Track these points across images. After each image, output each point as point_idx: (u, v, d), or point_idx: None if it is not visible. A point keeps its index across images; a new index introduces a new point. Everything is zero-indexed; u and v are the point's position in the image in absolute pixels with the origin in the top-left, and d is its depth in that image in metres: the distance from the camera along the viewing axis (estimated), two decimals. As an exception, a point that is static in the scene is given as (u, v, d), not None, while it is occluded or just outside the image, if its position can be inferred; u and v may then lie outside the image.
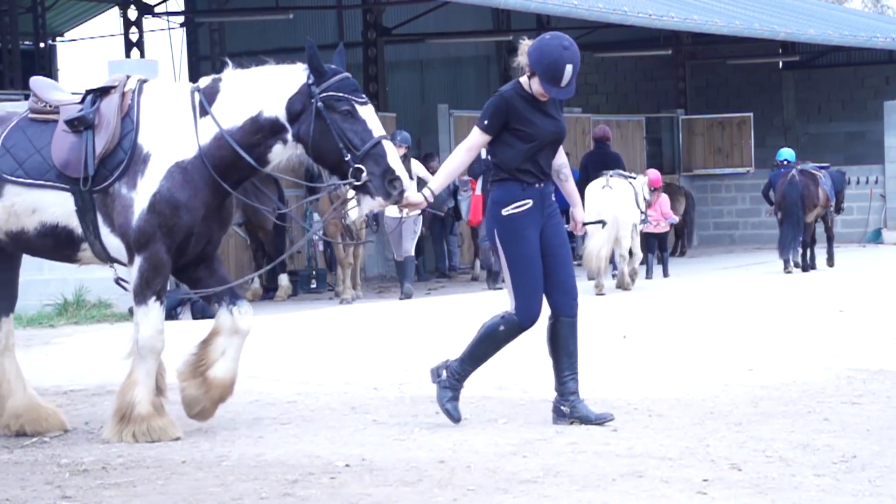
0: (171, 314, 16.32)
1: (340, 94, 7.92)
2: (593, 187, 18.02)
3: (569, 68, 8.04)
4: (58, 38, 35.74)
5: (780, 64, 33.12)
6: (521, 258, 8.15)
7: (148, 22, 30.52)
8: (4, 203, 8.13)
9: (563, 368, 8.28)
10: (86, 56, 40.43)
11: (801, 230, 21.05)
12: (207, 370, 8.16)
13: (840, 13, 35.93)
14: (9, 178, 8.09)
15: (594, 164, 19.58)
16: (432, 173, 16.68)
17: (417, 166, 18.42)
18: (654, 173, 20.48)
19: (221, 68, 8.37)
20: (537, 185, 8.20)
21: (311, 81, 7.96)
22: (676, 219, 22.57)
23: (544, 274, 8.25)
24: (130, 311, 16.08)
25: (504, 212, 8.17)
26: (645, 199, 19.01)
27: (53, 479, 7.05)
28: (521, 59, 8.19)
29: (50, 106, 8.24)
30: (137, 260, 8.00)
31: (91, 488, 6.82)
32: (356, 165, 7.84)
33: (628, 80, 33.87)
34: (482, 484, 6.65)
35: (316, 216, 19.82)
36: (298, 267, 21.04)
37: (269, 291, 19.91)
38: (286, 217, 19.30)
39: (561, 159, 8.46)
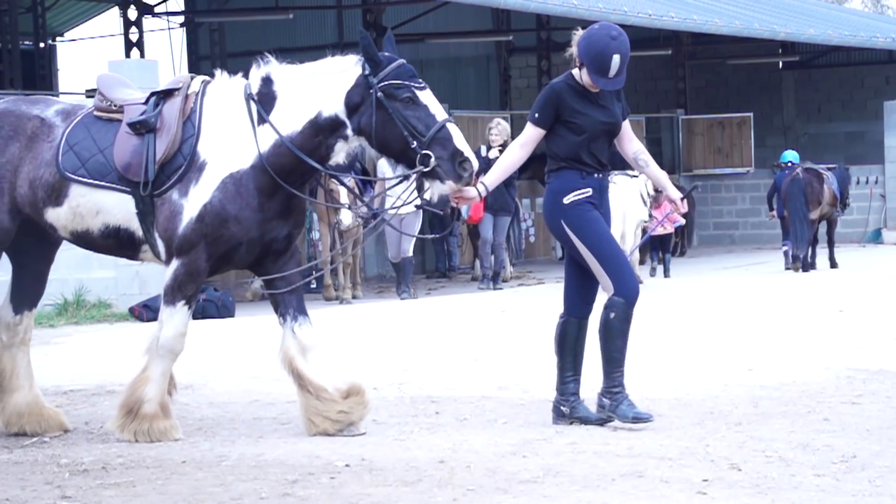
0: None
1: (399, 82, 7.78)
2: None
3: (616, 58, 7.92)
4: (58, 38, 35.75)
5: (780, 64, 33.14)
6: (598, 237, 8.00)
7: (148, 22, 30.55)
8: (70, 203, 8.05)
9: (566, 369, 8.23)
10: (86, 56, 40.43)
11: (807, 226, 21.08)
12: (331, 396, 8.01)
13: (840, 13, 35.93)
14: (73, 177, 8.00)
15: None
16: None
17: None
18: None
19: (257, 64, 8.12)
20: (596, 175, 8.11)
21: (367, 72, 7.81)
22: (683, 221, 22.59)
23: (576, 272, 8.16)
24: (131, 311, 16.14)
25: (566, 200, 8.02)
26: (650, 194, 19.01)
27: (53, 479, 7.04)
28: (573, 49, 8.06)
29: (115, 105, 8.15)
30: (174, 263, 7.90)
31: (91, 488, 6.81)
32: (424, 152, 7.71)
33: (628, 80, 33.51)
34: (482, 484, 6.64)
35: (315, 218, 19.80)
36: (298, 267, 20.98)
37: (269, 291, 19.90)
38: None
39: (636, 146, 8.34)
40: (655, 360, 11.04)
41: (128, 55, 27.87)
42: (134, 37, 28.44)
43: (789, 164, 21.86)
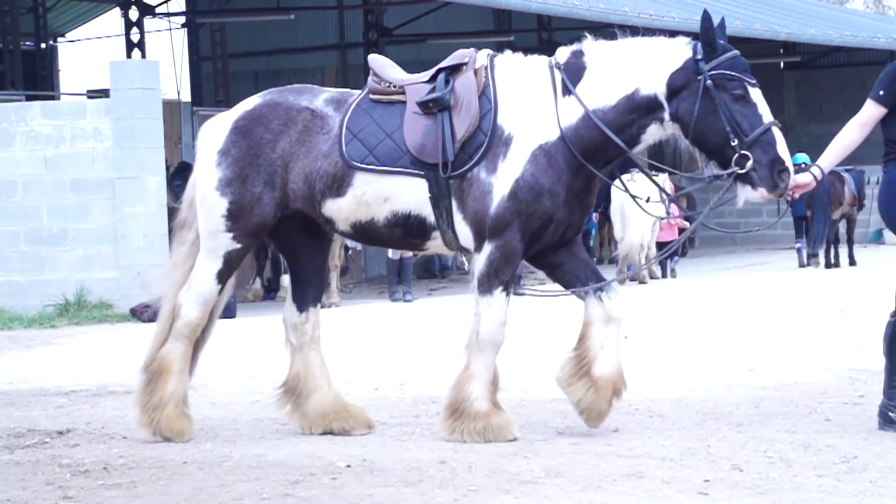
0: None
1: (733, 74, 7.44)
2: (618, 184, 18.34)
3: None
4: (59, 39, 35.75)
5: (782, 64, 33.13)
6: None
7: (149, 22, 30.59)
8: (355, 192, 7.67)
9: (895, 372, 7.71)
10: (87, 57, 40.46)
11: (828, 227, 21.59)
12: (591, 369, 7.68)
13: (841, 13, 35.92)
14: (359, 165, 7.65)
15: (619, 166, 19.76)
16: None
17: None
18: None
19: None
20: None
21: (698, 56, 7.45)
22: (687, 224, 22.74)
23: None
24: (132, 312, 16.11)
25: None
26: (668, 194, 19.17)
27: (55, 480, 7.04)
28: None
29: (393, 86, 7.83)
30: (488, 247, 7.55)
31: (92, 489, 6.81)
32: (742, 152, 7.37)
33: (629, 81, 33.89)
34: (483, 484, 6.64)
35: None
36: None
37: (270, 292, 19.93)
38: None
39: None
40: (656, 360, 11.05)
41: (129, 56, 27.93)
42: (135, 37, 28.49)
43: (802, 167, 22.05)
